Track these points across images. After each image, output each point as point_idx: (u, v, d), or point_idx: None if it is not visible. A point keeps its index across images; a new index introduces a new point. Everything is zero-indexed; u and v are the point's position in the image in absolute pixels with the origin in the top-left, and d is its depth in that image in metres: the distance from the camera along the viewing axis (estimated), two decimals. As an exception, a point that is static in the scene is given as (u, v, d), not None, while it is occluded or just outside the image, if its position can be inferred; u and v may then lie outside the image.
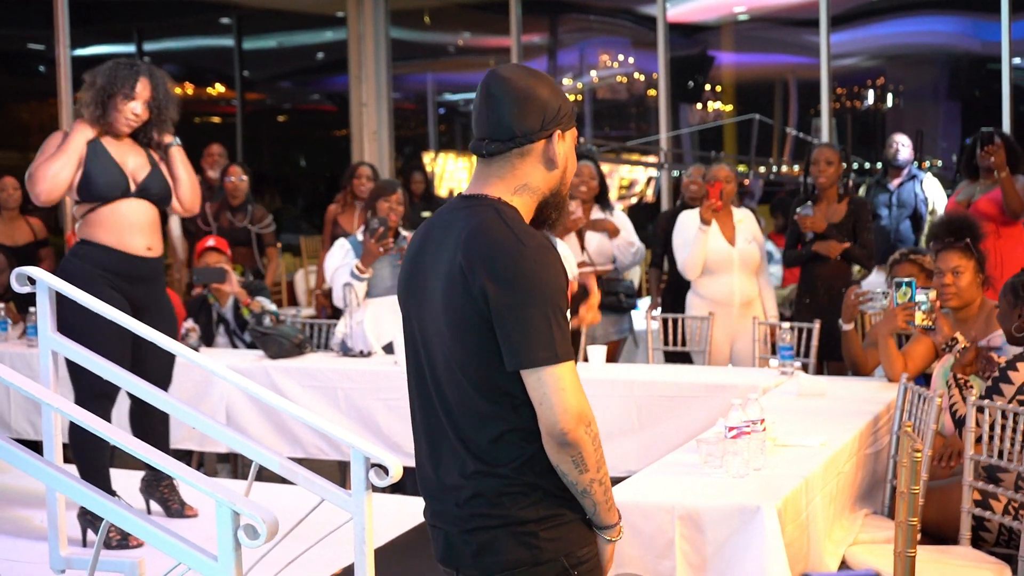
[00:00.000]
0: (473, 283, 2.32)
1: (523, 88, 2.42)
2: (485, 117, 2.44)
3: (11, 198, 8.41)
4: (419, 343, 2.49)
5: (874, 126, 12.54)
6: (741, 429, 3.80)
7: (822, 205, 6.76)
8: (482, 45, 13.88)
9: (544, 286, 2.31)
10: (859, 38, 12.14)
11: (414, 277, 2.49)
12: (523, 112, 2.41)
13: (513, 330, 2.30)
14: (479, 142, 2.46)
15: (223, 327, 6.99)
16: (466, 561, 2.45)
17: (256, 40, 14.18)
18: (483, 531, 2.40)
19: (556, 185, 2.49)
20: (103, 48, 14.62)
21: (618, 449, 5.45)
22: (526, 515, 2.39)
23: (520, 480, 2.39)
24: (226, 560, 2.51)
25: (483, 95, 2.45)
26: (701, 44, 12.76)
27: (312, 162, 15.44)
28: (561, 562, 2.41)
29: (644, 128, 12.77)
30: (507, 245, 2.33)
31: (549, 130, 2.43)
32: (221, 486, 2.56)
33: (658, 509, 3.55)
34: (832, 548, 4.02)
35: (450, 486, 2.44)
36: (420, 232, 2.54)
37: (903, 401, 4.62)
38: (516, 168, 2.44)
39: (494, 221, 2.37)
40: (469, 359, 2.37)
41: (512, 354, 2.32)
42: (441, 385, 2.44)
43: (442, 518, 2.48)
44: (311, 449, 6.01)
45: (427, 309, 2.45)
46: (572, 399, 2.34)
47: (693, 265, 6.73)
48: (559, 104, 2.45)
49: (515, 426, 2.39)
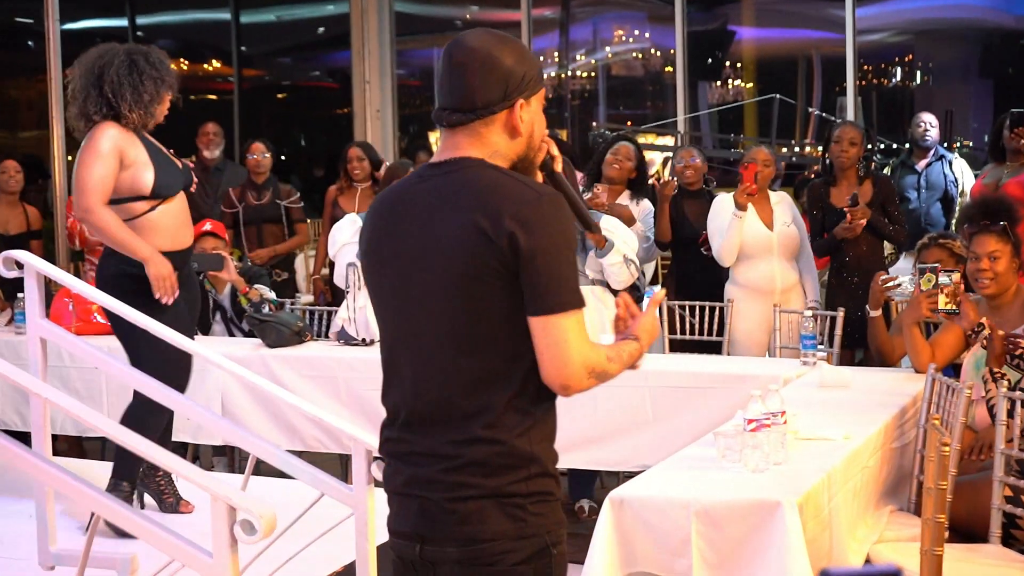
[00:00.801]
0: (499, 236, 2.34)
1: (486, 58, 2.43)
2: (448, 87, 2.46)
3: (12, 180, 8.11)
4: (403, 311, 2.48)
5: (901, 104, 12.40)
6: (761, 422, 3.72)
7: (842, 186, 6.60)
8: (490, 19, 13.74)
9: (564, 231, 2.38)
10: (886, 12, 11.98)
11: (388, 249, 2.49)
12: (485, 82, 2.43)
13: (543, 274, 2.34)
14: (441, 111, 2.48)
15: (220, 314, 6.91)
16: (444, 530, 2.42)
17: (254, 14, 14.07)
18: (471, 500, 2.40)
19: (523, 151, 2.51)
20: (94, 22, 14.55)
21: (632, 442, 5.39)
22: (516, 488, 2.41)
23: (518, 451, 2.41)
24: (222, 557, 2.50)
25: (446, 64, 2.47)
26: (721, 18, 12.61)
27: (312, 142, 15.37)
28: (543, 538, 2.44)
29: (660, 106, 12.65)
30: (527, 195, 2.38)
31: (512, 100, 2.45)
32: (216, 480, 2.55)
33: (674, 505, 3.49)
34: (856, 546, 3.96)
35: (439, 454, 2.42)
36: (382, 206, 2.54)
37: (931, 393, 4.54)
38: (482, 136, 2.46)
39: (500, 176, 2.42)
40: (478, 321, 2.38)
41: (540, 297, 2.35)
42: (435, 353, 2.43)
43: (420, 485, 2.44)
44: (311, 442, 5.91)
45: (415, 277, 2.44)
46: (576, 353, 2.38)
47: (728, 252, 6.60)
48: (523, 71, 2.46)
49: (519, 392, 2.40)
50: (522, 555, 2.41)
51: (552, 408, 2.49)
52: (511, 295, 2.36)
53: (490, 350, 2.39)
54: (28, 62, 13.99)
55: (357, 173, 7.92)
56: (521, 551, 2.41)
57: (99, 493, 2.59)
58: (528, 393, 2.40)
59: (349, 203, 7.92)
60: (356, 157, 7.99)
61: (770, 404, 3.78)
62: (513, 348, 2.38)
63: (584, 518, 5.94)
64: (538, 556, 2.42)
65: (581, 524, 5.86)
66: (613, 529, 3.51)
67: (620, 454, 5.44)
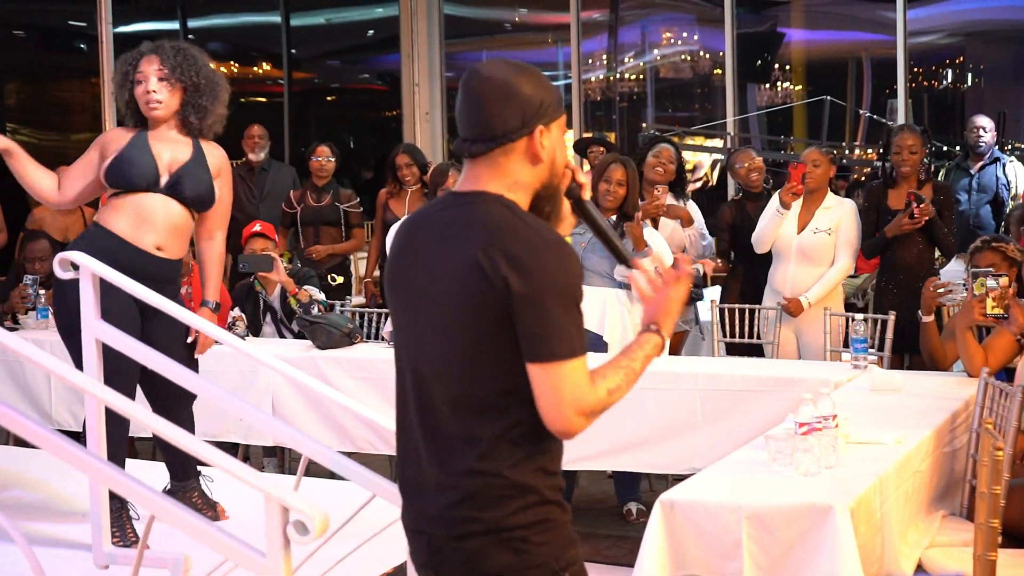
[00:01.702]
0: (495, 276, 2.32)
1: (502, 87, 2.43)
2: (466, 117, 2.46)
3: None
4: (410, 340, 2.50)
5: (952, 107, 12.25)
6: (812, 425, 3.70)
7: (902, 188, 6.53)
8: (540, 22, 13.71)
9: (564, 278, 2.35)
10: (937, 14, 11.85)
11: (403, 274, 2.51)
12: (503, 112, 2.42)
13: (535, 322, 2.32)
14: (462, 143, 2.48)
15: (270, 316, 6.92)
16: (453, 566, 2.43)
17: (304, 17, 14.09)
18: (472, 538, 2.39)
19: (546, 178, 2.49)
20: (146, 25, 14.64)
21: (681, 445, 5.36)
22: (515, 520, 2.39)
23: (513, 481, 2.38)
24: (275, 557, 2.49)
25: (464, 95, 2.47)
26: (770, 20, 12.50)
27: (361, 144, 15.36)
28: (550, 566, 2.42)
29: (709, 109, 12.58)
30: (528, 239, 2.35)
31: (530, 127, 2.44)
32: (270, 480, 2.54)
33: (724, 508, 3.47)
34: (908, 551, 3.91)
35: (439, 487, 2.43)
36: (403, 229, 2.55)
37: (983, 397, 4.50)
38: (503, 166, 2.45)
39: (509, 216, 2.40)
40: (475, 353, 2.38)
41: (531, 345, 2.33)
42: (435, 383, 2.44)
43: (427, 521, 2.45)
44: (360, 443, 5.93)
45: (422, 305, 2.45)
46: (571, 402, 2.34)
47: (759, 242, 6.67)
48: (541, 99, 2.45)
49: (513, 424, 2.38)
50: None
51: (550, 445, 2.44)
52: (506, 332, 2.34)
53: (485, 383, 2.38)
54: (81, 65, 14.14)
55: (408, 179, 8.00)
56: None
57: (153, 493, 2.60)
58: (521, 426, 2.38)
59: (400, 207, 7.98)
60: (404, 164, 8.06)
61: (821, 407, 3.76)
62: (507, 382, 2.37)
63: (632, 521, 5.93)
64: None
65: (630, 527, 5.85)
66: (664, 532, 3.49)
67: (669, 457, 5.42)
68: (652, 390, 5.38)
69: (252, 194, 8.83)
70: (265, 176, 8.89)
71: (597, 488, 6.58)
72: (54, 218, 8.31)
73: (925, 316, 5.35)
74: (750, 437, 4.51)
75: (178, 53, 4.68)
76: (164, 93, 4.64)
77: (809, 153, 6.63)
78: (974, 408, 4.54)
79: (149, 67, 4.62)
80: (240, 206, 8.76)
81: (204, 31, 14.91)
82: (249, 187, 8.86)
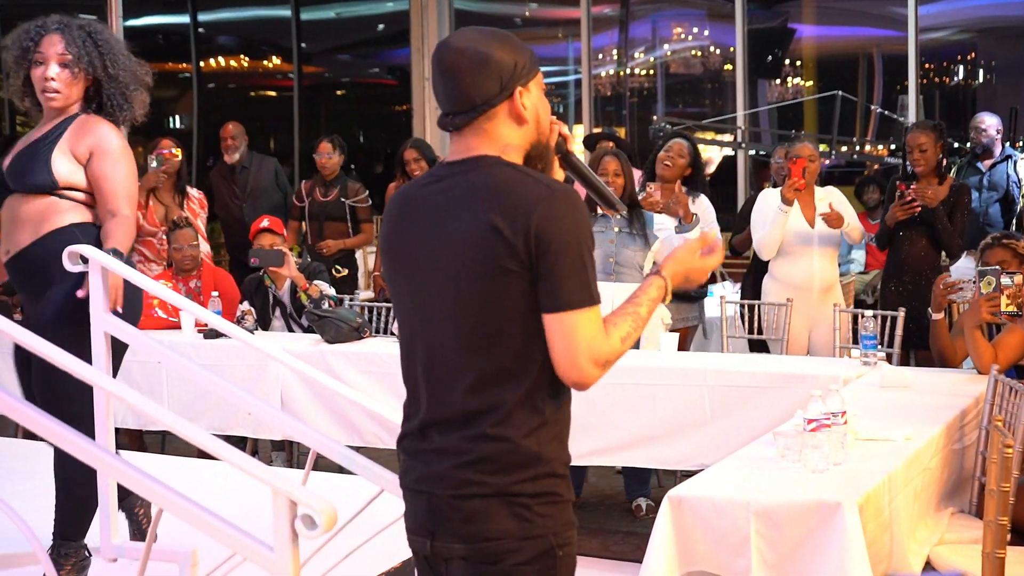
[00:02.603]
0: (514, 237, 2.35)
1: (475, 55, 2.44)
2: (444, 92, 2.48)
3: None
4: (417, 311, 2.50)
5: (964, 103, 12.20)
6: (821, 422, 3.68)
7: (921, 183, 6.51)
8: (550, 16, 13.69)
9: (578, 227, 2.38)
10: (949, 10, 11.79)
11: (402, 246, 2.51)
12: (480, 80, 2.43)
13: (551, 273, 2.35)
14: (444, 117, 2.50)
15: (279, 310, 6.92)
16: (450, 526, 2.43)
17: (314, 11, 14.07)
18: (477, 498, 2.40)
19: (534, 137, 2.52)
20: (156, 19, 14.65)
21: (690, 441, 5.34)
22: (524, 488, 2.41)
23: (525, 450, 2.40)
24: (283, 551, 2.50)
25: (437, 69, 2.48)
26: (781, 16, 12.47)
27: (371, 139, 15.35)
28: (548, 539, 2.43)
29: (720, 104, 12.55)
30: (538, 193, 2.38)
31: (509, 90, 2.46)
32: (278, 474, 2.54)
33: (733, 505, 3.47)
34: (916, 548, 3.91)
35: (449, 450, 2.43)
36: (396, 203, 2.56)
37: (993, 394, 4.49)
38: (490, 133, 2.47)
39: (513, 173, 2.42)
40: (489, 319, 2.39)
41: (547, 296, 2.36)
42: (446, 350, 2.45)
43: (430, 481, 2.46)
44: (369, 437, 5.92)
45: (427, 275, 2.46)
46: (587, 350, 2.37)
47: (769, 245, 6.60)
48: (514, 61, 2.46)
49: (529, 390, 2.40)
50: (526, 555, 2.41)
51: (563, 409, 2.48)
52: (523, 293, 2.37)
53: (500, 348, 2.40)
54: (91, 59, 14.13)
55: (417, 174, 7.99)
56: (525, 551, 2.41)
57: (162, 486, 2.60)
58: (538, 392, 2.41)
59: (408, 201, 7.94)
60: (413, 159, 8.06)
61: (830, 404, 3.75)
62: (523, 346, 2.39)
63: (641, 516, 5.92)
64: (542, 557, 2.43)
65: (638, 522, 5.85)
66: (672, 528, 3.49)
67: (678, 453, 5.40)
68: (661, 386, 5.37)
69: (235, 194, 8.86)
70: (247, 173, 8.89)
71: (606, 484, 6.58)
72: None
73: (935, 314, 5.33)
74: (759, 433, 4.50)
75: (88, 37, 4.22)
76: (64, 81, 4.17)
77: (802, 148, 6.59)
78: (984, 405, 4.53)
79: (51, 48, 4.14)
80: (226, 207, 8.81)
81: (214, 24, 14.92)
82: (231, 187, 8.88)
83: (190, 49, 14.20)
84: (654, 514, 3.63)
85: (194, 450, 6.02)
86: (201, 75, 14.20)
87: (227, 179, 8.89)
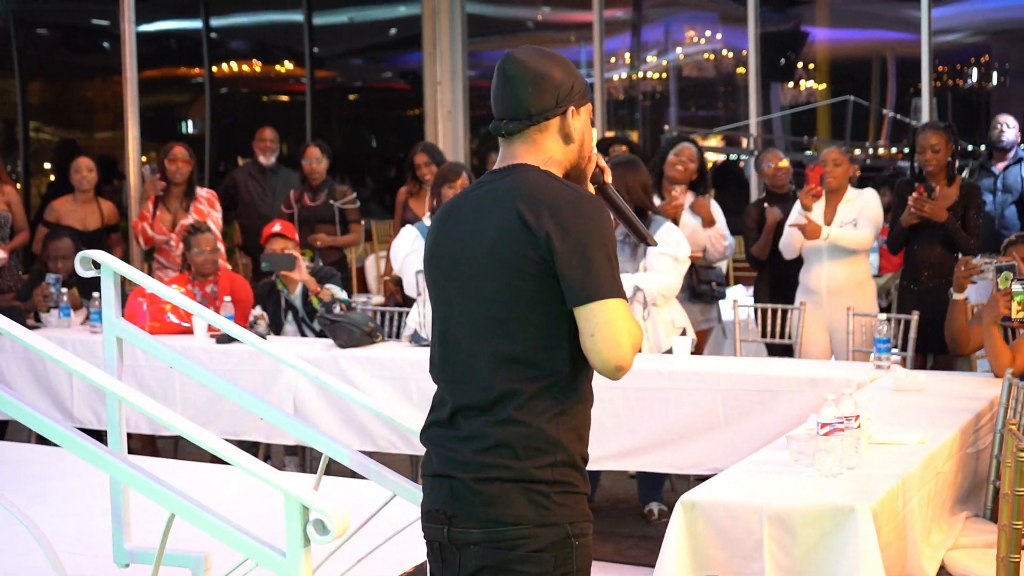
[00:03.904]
0: (539, 230, 2.48)
1: (537, 69, 2.60)
2: (502, 98, 2.64)
3: (85, 180, 8.33)
4: (450, 304, 2.63)
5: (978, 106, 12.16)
6: (834, 425, 3.68)
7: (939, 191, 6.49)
8: (562, 20, 13.68)
9: (602, 229, 2.51)
10: (962, 12, 11.75)
11: (441, 249, 2.66)
12: (538, 91, 2.60)
13: (577, 269, 2.47)
14: (499, 122, 2.65)
15: (291, 314, 6.92)
16: (469, 511, 2.52)
17: (327, 15, 14.09)
18: (497, 482, 2.50)
19: (575, 159, 2.67)
20: (169, 24, 14.67)
21: (703, 445, 5.34)
22: (542, 475, 2.50)
23: (544, 435, 2.50)
24: (295, 556, 2.50)
25: (500, 77, 2.64)
26: (794, 19, 12.45)
27: (383, 143, 15.36)
28: (565, 528, 2.52)
29: (732, 108, 12.53)
30: (567, 195, 2.53)
31: (563, 107, 2.62)
32: (290, 479, 2.53)
33: (746, 509, 3.47)
34: (930, 552, 3.90)
35: (472, 435, 2.54)
36: (441, 212, 2.72)
37: (1007, 398, 4.48)
38: (538, 143, 2.62)
39: (547, 178, 2.57)
40: (511, 307, 2.52)
41: (575, 291, 2.48)
42: (474, 341, 2.57)
43: (452, 465, 2.56)
44: (381, 442, 5.92)
45: (462, 271, 2.60)
46: (624, 334, 2.48)
47: (786, 248, 6.73)
48: (572, 83, 2.63)
49: (547, 379, 2.52)
50: (543, 542, 2.49)
51: (583, 402, 2.59)
52: (547, 286, 2.49)
53: (523, 337, 2.52)
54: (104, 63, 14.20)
55: (428, 178, 7.99)
56: (542, 538, 2.49)
57: (174, 491, 2.60)
58: (558, 383, 2.52)
59: (419, 205, 7.98)
60: (423, 163, 8.04)
61: (843, 408, 3.75)
62: (546, 337, 2.52)
63: (654, 521, 5.92)
64: (559, 545, 2.51)
65: (651, 527, 5.84)
66: (685, 533, 3.49)
67: (691, 457, 5.40)
68: (674, 390, 5.37)
69: (265, 194, 8.87)
70: (276, 178, 8.94)
71: (620, 488, 6.57)
72: (71, 209, 8.33)
73: (956, 294, 5.32)
74: (772, 437, 4.50)
75: None
76: None
77: (829, 152, 6.64)
78: (998, 408, 4.51)
79: None
80: (254, 206, 8.82)
81: (227, 29, 14.94)
82: (262, 187, 8.90)
83: (202, 54, 14.23)
84: (667, 519, 3.62)
85: (207, 455, 6.02)
86: (213, 80, 14.23)
87: (257, 179, 8.91)
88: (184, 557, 3.16)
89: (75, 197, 8.35)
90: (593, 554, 2.60)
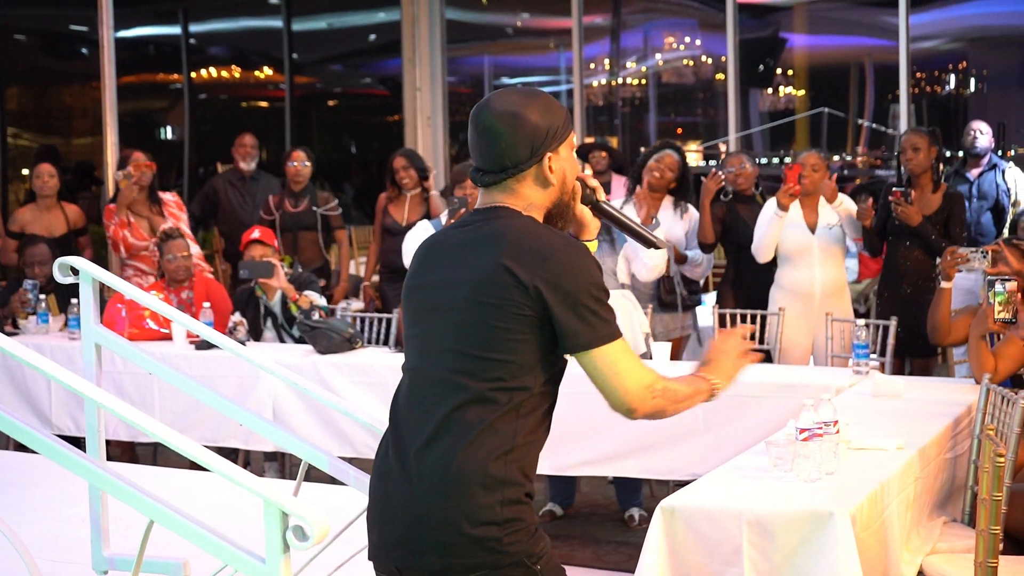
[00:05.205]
0: (528, 282, 2.47)
1: (512, 120, 2.56)
2: (477, 149, 2.62)
3: (46, 186, 8.17)
4: (423, 338, 2.62)
5: (955, 113, 12.22)
6: (813, 431, 3.68)
7: (916, 194, 6.52)
8: (542, 26, 13.69)
9: (591, 276, 2.52)
10: (940, 19, 11.82)
11: (421, 285, 2.65)
12: (512, 144, 2.56)
13: (572, 318, 2.48)
14: (475, 172, 2.64)
15: (271, 321, 6.90)
16: (422, 563, 2.52)
17: (306, 21, 14.06)
18: (449, 532, 2.48)
19: (557, 197, 2.65)
20: (148, 30, 14.63)
21: (683, 451, 5.34)
22: (490, 515, 2.47)
23: (491, 474, 2.48)
24: (274, 562, 2.49)
25: (473, 128, 2.62)
26: (772, 25, 12.49)
27: (363, 149, 15.35)
28: (523, 562, 2.50)
29: (712, 113, 12.56)
30: (554, 245, 2.52)
31: (539, 155, 2.58)
32: (269, 486, 2.53)
33: (725, 514, 3.47)
34: (909, 557, 3.91)
35: (420, 473, 2.52)
36: (423, 246, 2.71)
37: (985, 403, 4.48)
38: (516, 192, 2.61)
39: (532, 226, 2.57)
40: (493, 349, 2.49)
41: (576, 338, 2.50)
42: (442, 373, 2.55)
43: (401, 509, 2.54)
44: (361, 448, 5.90)
45: (439, 308, 2.58)
46: (629, 377, 2.52)
47: (762, 248, 6.65)
48: (547, 126, 2.58)
49: (501, 419, 2.49)
50: None
51: (532, 444, 2.55)
52: (527, 333, 2.50)
53: (488, 373, 2.50)
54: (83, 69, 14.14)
55: (406, 183, 7.99)
56: None
57: (153, 498, 2.59)
58: (513, 422, 2.51)
59: (399, 211, 7.97)
60: (402, 167, 8.03)
61: (822, 413, 3.75)
62: (511, 377, 2.50)
63: (634, 527, 5.91)
64: None
65: (631, 533, 5.84)
66: (664, 538, 3.49)
67: (671, 463, 5.40)
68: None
69: (245, 201, 8.84)
70: (256, 185, 8.91)
71: (599, 494, 6.57)
72: (35, 217, 8.23)
73: (943, 283, 5.34)
74: (751, 443, 4.50)
75: None
76: None
77: (808, 156, 6.64)
78: (976, 414, 4.52)
79: None
80: (235, 213, 8.78)
81: (206, 35, 14.90)
82: (241, 194, 8.87)
83: (181, 60, 14.20)
84: (646, 524, 3.63)
85: (186, 462, 6.00)
86: (192, 86, 14.19)
87: (237, 187, 8.88)
88: (163, 564, 3.16)
89: (37, 204, 8.21)
90: (571, 562, 2.60)
